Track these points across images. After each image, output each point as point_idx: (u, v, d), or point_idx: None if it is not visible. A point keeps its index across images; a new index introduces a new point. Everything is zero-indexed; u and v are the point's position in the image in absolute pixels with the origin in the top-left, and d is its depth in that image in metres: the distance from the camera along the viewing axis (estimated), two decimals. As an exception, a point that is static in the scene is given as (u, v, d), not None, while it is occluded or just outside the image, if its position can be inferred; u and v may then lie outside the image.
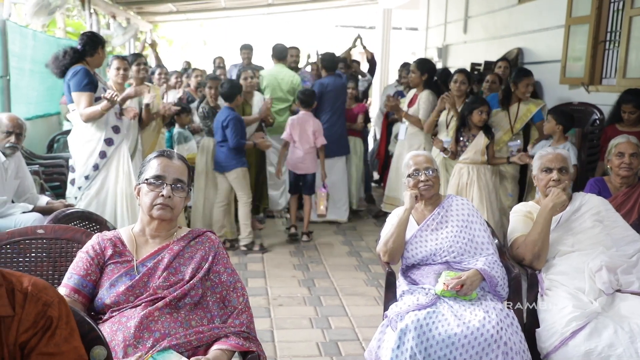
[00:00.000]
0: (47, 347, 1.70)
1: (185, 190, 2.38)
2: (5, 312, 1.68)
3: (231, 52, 8.80)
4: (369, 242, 6.33)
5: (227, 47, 21.17)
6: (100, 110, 4.71)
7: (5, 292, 1.70)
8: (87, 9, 8.70)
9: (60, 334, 1.72)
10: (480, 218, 3.14)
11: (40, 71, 7.10)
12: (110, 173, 4.92)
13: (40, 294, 1.74)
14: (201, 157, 6.05)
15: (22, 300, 1.71)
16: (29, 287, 1.74)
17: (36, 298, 1.72)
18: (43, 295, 1.74)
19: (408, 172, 3.21)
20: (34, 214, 4.02)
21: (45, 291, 1.75)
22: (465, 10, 9.38)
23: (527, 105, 5.51)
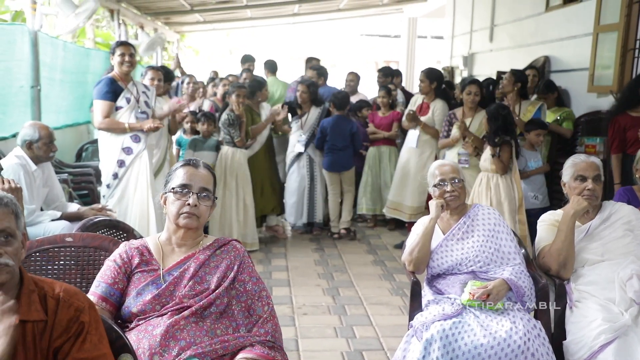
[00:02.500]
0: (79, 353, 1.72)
1: (211, 199, 2.40)
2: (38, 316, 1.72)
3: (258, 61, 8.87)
4: (393, 250, 6.29)
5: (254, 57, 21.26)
6: (127, 127, 4.81)
7: (37, 298, 1.74)
8: (116, 19, 8.84)
9: (91, 340, 1.75)
10: (507, 227, 3.10)
11: (70, 81, 7.23)
12: (130, 182, 4.94)
13: (72, 299, 1.77)
14: (220, 165, 6.05)
15: (55, 306, 1.74)
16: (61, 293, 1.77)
17: (68, 304, 1.76)
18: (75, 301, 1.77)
19: (434, 182, 3.19)
20: (62, 222, 4.07)
21: (77, 297, 1.79)
22: (492, 19, 9.33)
23: (526, 106, 5.57)
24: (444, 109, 6.24)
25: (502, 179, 5.00)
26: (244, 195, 6.11)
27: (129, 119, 4.86)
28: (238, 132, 6.04)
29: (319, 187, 6.75)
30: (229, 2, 11.24)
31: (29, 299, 1.72)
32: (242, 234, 6.06)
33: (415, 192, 6.37)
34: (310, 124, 6.66)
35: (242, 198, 6.09)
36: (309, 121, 6.69)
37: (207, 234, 2.47)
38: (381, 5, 13.93)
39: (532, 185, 5.35)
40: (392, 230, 7.13)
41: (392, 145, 7.15)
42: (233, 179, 6.06)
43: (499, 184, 5.02)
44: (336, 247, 6.45)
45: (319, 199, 6.78)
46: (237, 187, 6.07)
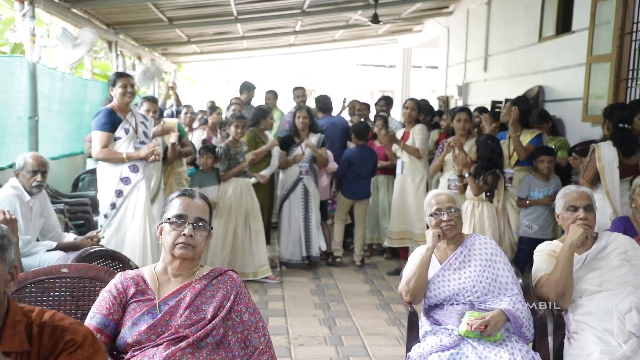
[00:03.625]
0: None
1: (207, 229, 2.39)
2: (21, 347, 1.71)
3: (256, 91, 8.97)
4: (390, 280, 6.26)
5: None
6: (125, 157, 4.82)
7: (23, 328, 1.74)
8: (114, 50, 8.92)
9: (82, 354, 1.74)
10: (504, 257, 3.10)
11: (67, 111, 7.27)
12: (128, 212, 4.92)
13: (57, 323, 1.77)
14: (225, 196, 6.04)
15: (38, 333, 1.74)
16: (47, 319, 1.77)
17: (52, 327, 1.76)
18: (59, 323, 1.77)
19: (430, 211, 3.19)
20: (58, 253, 4.05)
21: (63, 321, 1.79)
22: (486, 49, 9.45)
23: (526, 135, 5.60)
24: (422, 129, 6.47)
25: (487, 208, 5.12)
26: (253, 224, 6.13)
27: (127, 149, 4.87)
28: (226, 166, 6.05)
29: (314, 219, 6.59)
30: (226, 34, 11.38)
31: (13, 330, 1.71)
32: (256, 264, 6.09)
33: (415, 218, 6.40)
34: (307, 152, 6.58)
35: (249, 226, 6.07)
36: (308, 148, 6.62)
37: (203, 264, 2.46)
38: (376, 36, 14.12)
39: (531, 214, 5.36)
40: (389, 259, 7.11)
41: (389, 174, 7.17)
42: (242, 209, 6.04)
43: (484, 212, 5.13)
44: (332, 276, 6.42)
45: (314, 231, 6.62)
46: (246, 217, 6.06)
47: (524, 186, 5.40)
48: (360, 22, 11.11)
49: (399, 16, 11.36)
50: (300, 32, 11.83)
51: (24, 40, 6.06)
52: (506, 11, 8.75)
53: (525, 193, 5.39)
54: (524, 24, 8.09)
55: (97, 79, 10.25)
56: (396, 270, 6.39)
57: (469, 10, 10.25)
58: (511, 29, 8.53)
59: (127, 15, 8.37)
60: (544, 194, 5.33)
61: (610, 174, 4.45)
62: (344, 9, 9.83)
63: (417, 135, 6.43)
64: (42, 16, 9.54)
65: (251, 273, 6.07)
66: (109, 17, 8.28)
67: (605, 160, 4.46)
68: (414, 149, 6.40)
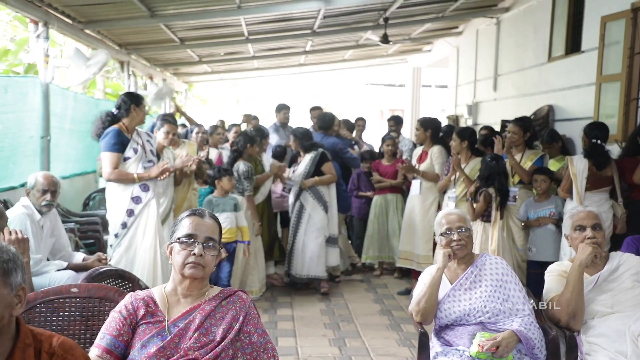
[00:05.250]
0: None
1: (217, 249, 2.39)
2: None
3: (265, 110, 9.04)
4: (400, 299, 6.22)
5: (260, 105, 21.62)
6: (136, 178, 4.83)
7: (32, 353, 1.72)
8: (126, 71, 9.01)
9: None
10: (515, 277, 3.07)
11: (79, 130, 7.33)
12: (138, 231, 4.92)
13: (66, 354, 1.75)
14: None
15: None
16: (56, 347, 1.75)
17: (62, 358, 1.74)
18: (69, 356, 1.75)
19: (441, 231, 3.17)
20: (68, 272, 4.06)
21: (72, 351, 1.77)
22: (495, 68, 9.46)
23: (529, 155, 5.64)
24: (441, 152, 6.31)
25: (480, 228, 5.10)
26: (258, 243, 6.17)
27: (137, 169, 4.88)
28: (252, 185, 6.07)
29: (300, 236, 6.39)
30: (237, 53, 11.47)
31: (23, 354, 1.70)
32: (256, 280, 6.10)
33: (421, 240, 6.34)
34: (300, 171, 6.43)
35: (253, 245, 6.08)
36: (300, 167, 6.47)
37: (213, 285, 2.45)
38: (386, 56, 14.17)
39: (532, 236, 5.35)
40: (399, 278, 7.07)
41: (398, 192, 7.17)
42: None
43: (478, 231, 5.13)
44: (342, 296, 6.39)
45: (298, 250, 6.39)
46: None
47: (523, 208, 5.43)
48: (370, 42, 11.17)
49: (409, 36, 11.41)
50: (310, 52, 11.90)
51: (37, 61, 6.14)
52: (516, 31, 8.77)
53: (524, 215, 5.39)
54: (533, 44, 8.10)
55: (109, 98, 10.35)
56: (406, 290, 6.35)
57: (479, 31, 10.28)
58: (521, 48, 8.54)
59: (139, 35, 8.46)
60: (538, 215, 5.34)
61: (580, 183, 4.98)
62: (354, 29, 9.89)
63: (437, 159, 6.28)
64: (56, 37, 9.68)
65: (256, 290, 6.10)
66: (122, 37, 8.38)
67: (577, 170, 5.01)
68: (433, 175, 6.25)
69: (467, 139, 5.81)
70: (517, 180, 5.60)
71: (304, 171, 6.41)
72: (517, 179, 5.60)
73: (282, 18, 8.55)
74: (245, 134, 6.41)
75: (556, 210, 5.28)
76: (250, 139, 6.30)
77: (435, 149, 6.34)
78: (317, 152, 6.46)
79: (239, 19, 8.01)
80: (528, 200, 5.46)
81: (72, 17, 6.60)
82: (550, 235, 5.28)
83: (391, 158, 7.18)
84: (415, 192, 6.45)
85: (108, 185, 5.01)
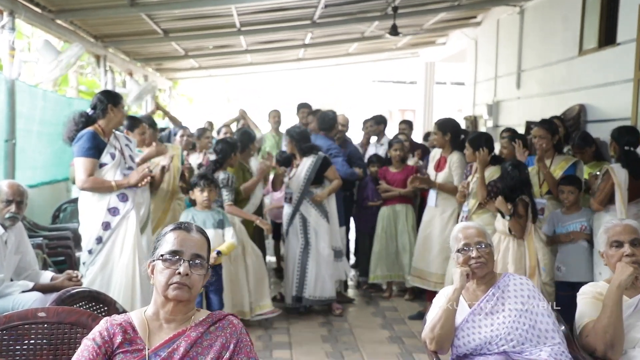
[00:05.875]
0: None
1: (205, 267, 2.38)
2: None
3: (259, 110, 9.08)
4: (412, 324, 6.20)
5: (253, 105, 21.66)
6: (114, 186, 4.81)
7: None
8: (103, 66, 9.01)
9: None
10: (543, 300, 3.06)
11: (49, 133, 7.32)
12: (115, 247, 4.88)
13: None
14: None
15: None
16: None
17: None
18: None
19: (457, 247, 3.16)
20: (35, 294, 4.04)
21: None
22: (518, 63, 9.47)
23: (560, 161, 5.58)
24: (460, 160, 6.24)
25: (513, 243, 5.09)
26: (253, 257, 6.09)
27: (114, 176, 4.86)
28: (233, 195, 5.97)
29: (312, 254, 6.42)
30: (227, 47, 11.50)
31: None
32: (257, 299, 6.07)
33: (438, 258, 6.31)
34: (300, 177, 6.43)
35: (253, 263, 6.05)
36: (298, 174, 6.48)
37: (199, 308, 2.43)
38: (395, 49, 14.20)
39: (561, 253, 5.31)
40: (410, 300, 7.04)
41: (408, 203, 7.14)
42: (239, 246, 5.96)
43: (509, 248, 5.09)
44: (346, 320, 6.37)
45: (311, 269, 6.40)
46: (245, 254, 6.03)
47: (549, 222, 5.39)
48: (377, 34, 11.19)
49: (421, 27, 11.43)
50: (310, 45, 11.93)
51: (2, 55, 6.14)
52: (542, 21, 8.79)
53: (550, 230, 5.36)
54: (562, 36, 8.12)
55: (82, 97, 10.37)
56: (419, 313, 6.32)
57: (500, 21, 10.30)
58: (547, 41, 8.55)
59: (117, 27, 8.48)
60: (567, 229, 5.29)
61: (624, 194, 4.91)
62: (359, 20, 9.91)
63: (456, 169, 6.23)
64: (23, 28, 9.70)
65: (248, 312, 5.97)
66: (98, 29, 8.39)
67: (620, 181, 4.94)
68: (452, 188, 6.20)
69: (482, 147, 5.76)
70: (546, 190, 5.56)
71: (304, 178, 6.40)
72: (545, 188, 5.56)
73: (278, 7, 8.57)
74: (226, 141, 6.28)
75: (588, 223, 5.26)
76: (231, 146, 6.18)
77: (454, 157, 6.29)
78: (318, 157, 6.44)
79: (230, 8, 8.02)
80: (554, 213, 5.42)
81: (41, 5, 6.60)
82: (581, 252, 5.24)
83: (400, 164, 7.16)
84: (431, 204, 6.44)
85: (81, 195, 4.99)
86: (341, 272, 6.73)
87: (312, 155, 6.46)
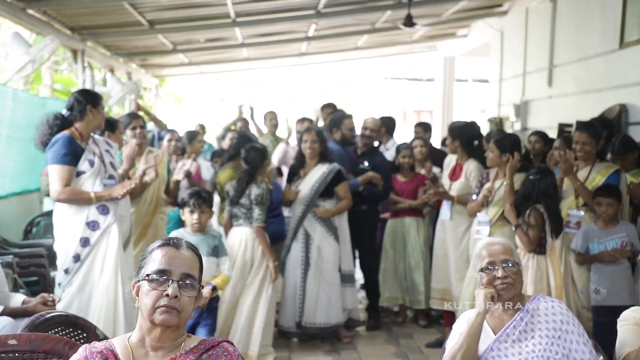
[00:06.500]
0: None
1: (196, 288, 2.39)
2: None
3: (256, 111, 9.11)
4: (430, 354, 6.20)
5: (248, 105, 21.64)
6: (94, 197, 4.81)
7: None
8: (80, 62, 9.04)
9: None
10: (579, 327, 3.05)
11: (19, 137, 7.35)
12: (95, 265, 4.87)
13: None
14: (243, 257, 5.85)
15: None
16: None
17: None
18: None
19: (481, 266, 3.16)
20: (4, 319, 4.04)
21: None
22: (550, 58, 9.48)
23: (601, 169, 5.53)
24: (479, 169, 6.22)
25: (533, 260, 5.07)
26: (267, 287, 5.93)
27: (93, 186, 4.87)
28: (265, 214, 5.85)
29: (313, 275, 6.36)
30: (221, 40, 11.53)
31: None
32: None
33: (454, 276, 6.31)
34: (310, 185, 6.38)
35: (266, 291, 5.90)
36: (308, 181, 6.42)
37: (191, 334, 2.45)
38: (410, 43, 14.22)
39: (597, 274, 5.27)
40: (425, 327, 7.01)
41: (418, 216, 7.14)
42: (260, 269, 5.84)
43: (529, 266, 5.06)
44: (355, 348, 6.37)
45: (310, 293, 6.34)
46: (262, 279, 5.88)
47: (581, 237, 5.31)
48: (389, 26, 11.22)
49: (439, 17, 11.44)
50: (314, 37, 11.96)
51: (-33, 50, 6.18)
52: (577, 10, 8.80)
53: (583, 246, 5.31)
54: (599, 26, 8.13)
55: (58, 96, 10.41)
56: (437, 341, 6.32)
57: (529, 10, 10.32)
58: (583, 32, 8.56)
59: (97, 17, 8.51)
60: (605, 247, 5.21)
61: None
62: (369, 9, 9.93)
63: (475, 178, 6.20)
64: (-9, 19, 9.76)
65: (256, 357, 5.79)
66: (74, 19, 8.42)
67: None
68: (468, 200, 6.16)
69: (509, 150, 5.74)
70: (583, 202, 5.52)
71: (311, 189, 6.35)
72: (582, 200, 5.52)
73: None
74: (256, 148, 6.12)
75: (629, 238, 5.22)
76: (262, 153, 6.02)
77: (472, 165, 6.28)
78: (332, 168, 6.39)
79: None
80: (588, 227, 5.33)
81: (10, -7, 6.66)
82: (622, 272, 5.20)
83: (409, 172, 7.16)
84: (445, 217, 6.44)
85: (57, 207, 5.00)
86: (348, 300, 6.62)
87: (326, 163, 6.42)
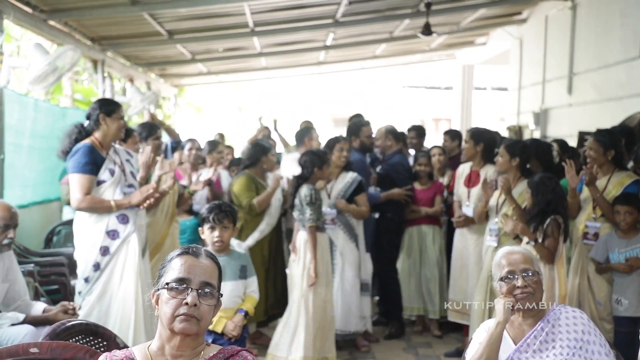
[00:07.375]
0: None
1: (215, 297, 2.39)
2: None
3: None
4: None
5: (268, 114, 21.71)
6: (114, 206, 4.84)
7: None
8: (100, 72, 9.10)
9: None
10: (600, 337, 3.03)
11: (40, 147, 7.40)
12: (115, 274, 4.91)
13: None
14: None
15: None
16: None
17: None
18: None
19: (500, 275, 3.15)
20: (26, 327, 4.07)
21: None
22: (570, 66, 9.44)
23: (619, 178, 5.43)
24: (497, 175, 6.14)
25: (545, 268, 4.98)
26: None
27: (113, 195, 4.90)
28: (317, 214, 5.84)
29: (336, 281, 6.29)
30: (239, 50, 11.57)
31: None
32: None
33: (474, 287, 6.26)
34: (335, 194, 6.39)
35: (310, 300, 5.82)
36: (335, 190, 6.43)
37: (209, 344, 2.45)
38: (428, 51, 14.23)
39: (618, 284, 5.23)
40: (440, 337, 6.96)
41: (435, 224, 7.12)
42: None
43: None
44: (374, 357, 6.34)
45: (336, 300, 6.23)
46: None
47: (601, 246, 5.26)
48: (408, 34, 11.22)
49: (458, 26, 11.45)
50: (332, 47, 11.98)
51: (-12, 61, 6.23)
52: (597, 17, 8.76)
53: (602, 255, 5.26)
54: (620, 34, 8.08)
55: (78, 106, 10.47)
56: (457, 350, 6.29)
57: (548, 17, 10.29)
58: (603, 40, 8.52)
59: (116, 28, 8.57)
60: (625, 256, 5.16)
61: None
62: (387, 18, 9.94)
63: None
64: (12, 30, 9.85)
65: None
66: (95, 30, 8.49)
67: None
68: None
69: (519, 155, 5.75)
70: (601, 213, 5.48)
71: (336, 197, 6.39)
72: (600, 211, 5.47)
73: (296, 5, 8.64)
74: (313, 152, 6.13)
75: None
76: (320, 158, 5.99)
77: (490, 171, 6.25)
78: (355, 178, 6.44)
79: (242, 5, 8.08)
80: (608, 235, 5.28)
81: (32, 5, 6.68)
82: None
83: (427, 180, 7.16)
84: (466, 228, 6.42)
85: (77, 216, 5.04)
86: (364, 308, 6.61)
87: (349, 172, 6.46)
